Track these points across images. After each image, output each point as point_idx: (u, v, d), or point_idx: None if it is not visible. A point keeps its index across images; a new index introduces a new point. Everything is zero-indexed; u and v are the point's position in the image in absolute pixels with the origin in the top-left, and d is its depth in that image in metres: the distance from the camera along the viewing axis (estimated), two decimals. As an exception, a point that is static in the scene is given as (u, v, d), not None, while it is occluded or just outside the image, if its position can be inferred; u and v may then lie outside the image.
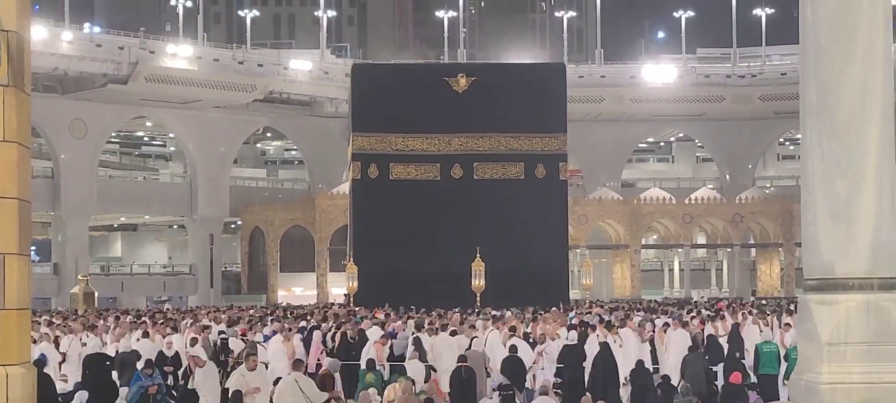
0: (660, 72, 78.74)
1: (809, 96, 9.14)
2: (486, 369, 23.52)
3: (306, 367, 21.98)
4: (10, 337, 7.77)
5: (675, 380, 21.86)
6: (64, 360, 25.46)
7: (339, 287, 61.90)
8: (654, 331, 27.59)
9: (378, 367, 24.38)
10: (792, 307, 39.67)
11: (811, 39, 8.91)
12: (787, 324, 29.62)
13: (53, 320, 34.86)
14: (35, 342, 24.97)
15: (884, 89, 8.49)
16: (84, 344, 26.35)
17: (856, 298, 8.72)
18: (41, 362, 21.67)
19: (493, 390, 21.63)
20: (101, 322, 32.93)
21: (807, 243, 9.17)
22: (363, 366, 24.07)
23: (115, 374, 23.28)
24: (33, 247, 55.98)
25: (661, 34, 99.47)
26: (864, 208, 8.74)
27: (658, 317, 31.90)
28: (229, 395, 17.68)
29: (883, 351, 8.48)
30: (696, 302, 54.37)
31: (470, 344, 24.81)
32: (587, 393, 20.07)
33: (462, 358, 21.83)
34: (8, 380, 7.68)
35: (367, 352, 24.99)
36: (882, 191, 8.47)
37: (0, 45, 7.75)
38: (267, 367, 22.30)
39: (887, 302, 8.53)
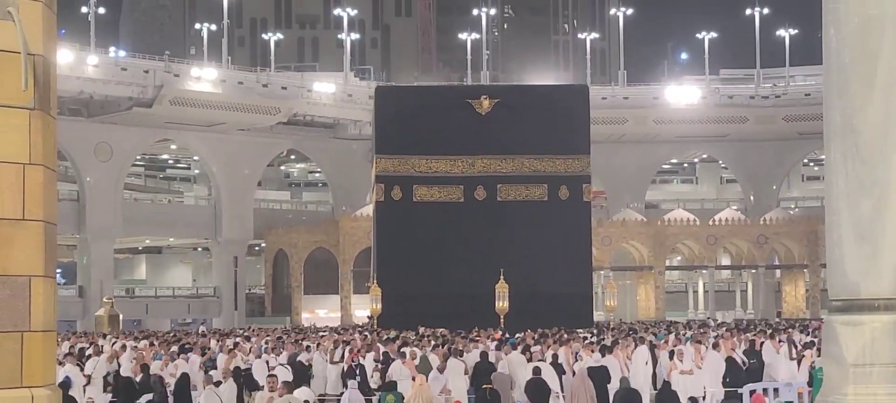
0: (683, 94, 78.64)
1: (834, 117, 9.10)
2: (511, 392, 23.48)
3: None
4: (35, 360, 7.81)
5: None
6: (89, 383, 25.44)
7: (363, 309, 61.92)
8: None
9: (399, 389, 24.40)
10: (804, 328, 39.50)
11: (835, 60, 8.90)
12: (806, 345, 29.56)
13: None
14: (60, 364, 25.09)
15: (908, 110, 8.48)
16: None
17: (882, 319, 8.66)
18: (66, 384, 21.76)
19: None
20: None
21: (832, 264, 9.12)
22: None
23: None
24: (58, 270, 56.28)
25: (684, 55, 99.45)
26: (889, 229, 8.68)
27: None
28: None
29: (910, 373, 8.43)
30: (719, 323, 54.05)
31: (496, 366, 24.78)
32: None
33: (487, 380, 21.79)
34: (33, 402, 7.70)
35: (396, 372, 24.94)
36: (907, 212, 8.46)
37: (26, 69, 7.80)
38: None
39: (914, 323, 8.49)
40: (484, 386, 21.58)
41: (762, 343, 29.97)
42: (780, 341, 30.80)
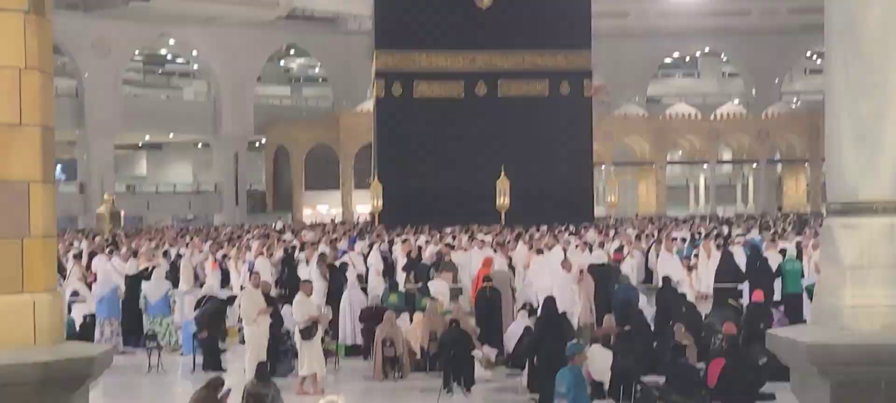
0: (686, -13, 77.98)
1: (834, 17, 9.00)
2: (511, 288, 23.60)
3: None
4: (36, 265, 7.85)
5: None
6: (94, 279, 25.51)
7: (365, 204, 62.17)
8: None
9: (400, 288, 24.59)
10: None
11: (837, -40, 8.80)
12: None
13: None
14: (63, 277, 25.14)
15: (911, 11, 8.38)
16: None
17: (880, 222, 8.64)
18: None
19: (519, 310, 21.60)
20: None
21: (830, 167, 9.10)
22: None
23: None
24: (59, 166, 56.06)
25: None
26: (889, 131, 8.62)
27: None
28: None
29: (907, 275, 8.46)
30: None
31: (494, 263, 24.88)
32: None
33: (487, 278, 21.85)
34: (36, 308, 7.76)
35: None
36: (908, 114, 8.42)
37: (20, -29, 7.72)
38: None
39: (912, 225, 8.49)
40: (484, 285, 21.63)
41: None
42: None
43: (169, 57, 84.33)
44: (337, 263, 25.85)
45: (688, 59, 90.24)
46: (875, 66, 8.67)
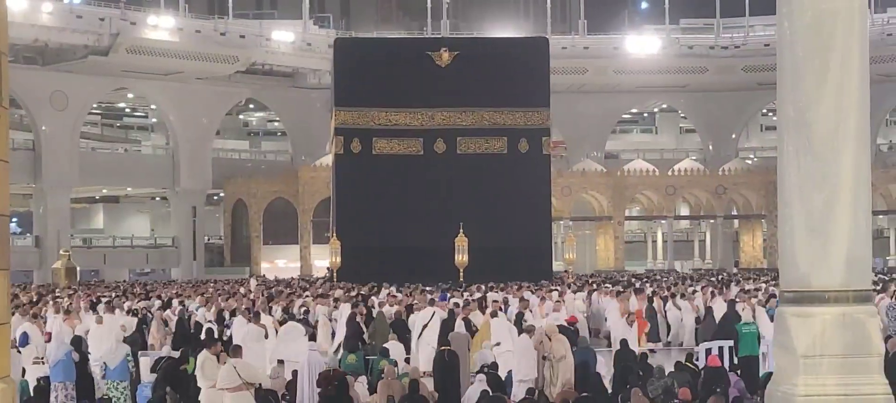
0: (643, 44, 78.80)
1: (787, 111, 9.18)
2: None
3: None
4: (-12, 356, 7.78)
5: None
6: (49, 340, 25.21)
7: (323, 259, 61.93)
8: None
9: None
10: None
11: (788, 54, 8.94)
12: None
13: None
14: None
15: (860, 106, 8.53)
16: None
17: (831, 311, 8.79)
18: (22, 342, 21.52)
19: (476, 372, 21.53)
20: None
21: (784, 256, 9.24)
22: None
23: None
24: (14, 219, 55.79)
25: (644, 5, 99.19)
26: (839, 222, 8.79)
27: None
28: None
29: (858, 363, 8.57)
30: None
31: (453, 326, 24.83)
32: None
33: (445, 341, 21.81)
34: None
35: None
36: (857, 206, 8.54)
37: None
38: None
39: (862, 314, 8.61)
40: (441, 348, 21.57)
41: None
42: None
43: (127, 110, 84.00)
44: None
45: (646, 114, 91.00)
46: (826, 159, 8.85)
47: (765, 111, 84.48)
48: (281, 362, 21.74)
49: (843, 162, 8.70)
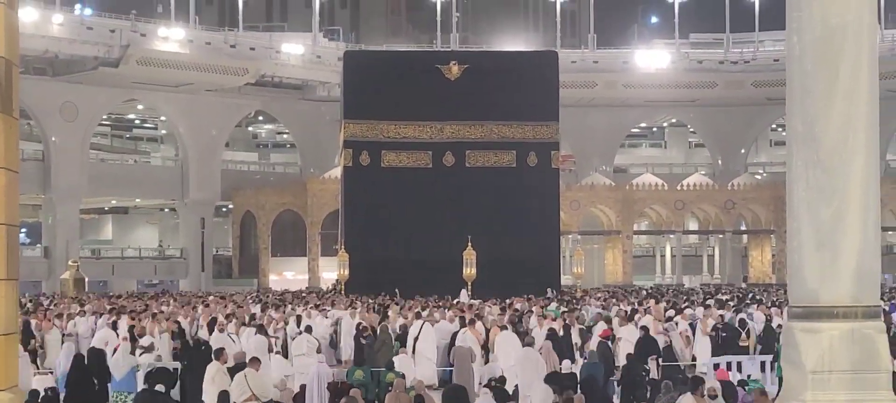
0: (653, 58, 78.80)
1: (795, 124, 9.17)
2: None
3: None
4: (-4, 366, 7.80)
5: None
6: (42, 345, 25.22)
7: (331, 271, 61.92)
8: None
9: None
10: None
11: (797, 68, 8.94)
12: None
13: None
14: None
15: (868, 120, 8.53)
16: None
17: (840, 326, 8.76)
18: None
19: (483, 385, 21.44)
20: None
21: (792, 270, 9.21)
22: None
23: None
24: (23, 230, 55.75)
25: (654, 19, 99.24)
26: (848, 237, 8.77)
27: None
28: None
29: (867, 379, 8.54)
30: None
31: (454, 339, 24.79)
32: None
33: (449, 356, 21.74)
34: (-5, 408, 7.71)
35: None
36: (866, 220, 8.52)
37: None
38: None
39: (871, 329, 8.59)
40: (450, 385, 21.44)
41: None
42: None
43: (137, 121, 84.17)
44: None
45: (655, 129, 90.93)
46: (835, 173, 8.83)
47: (774, 126, 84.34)
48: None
49: (852, 176, 8.69)
